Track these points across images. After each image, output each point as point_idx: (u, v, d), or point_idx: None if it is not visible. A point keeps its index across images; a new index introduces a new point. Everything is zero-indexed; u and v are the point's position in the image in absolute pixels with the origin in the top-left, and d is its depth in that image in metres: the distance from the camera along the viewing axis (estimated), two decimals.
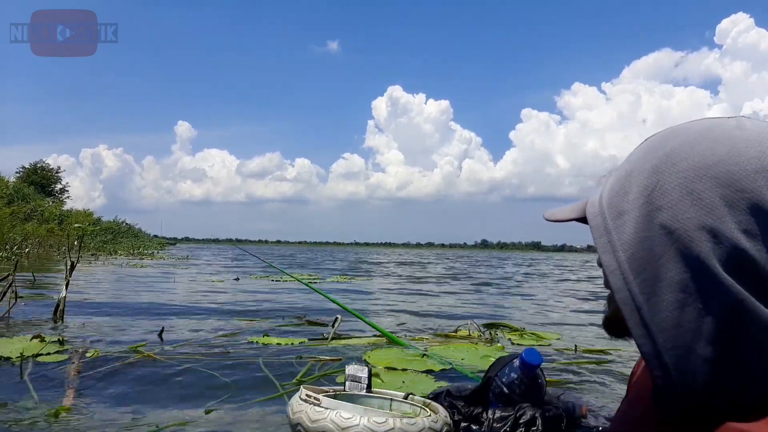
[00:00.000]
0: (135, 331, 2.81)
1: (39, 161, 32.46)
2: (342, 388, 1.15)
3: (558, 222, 0.68)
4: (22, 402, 1.55)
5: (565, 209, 0.69)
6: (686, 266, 0.51)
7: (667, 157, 0.56)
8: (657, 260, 0.53)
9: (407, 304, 4.86)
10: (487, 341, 2.79)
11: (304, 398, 0.99)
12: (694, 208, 0.52)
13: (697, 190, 0.52)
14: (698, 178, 0.53)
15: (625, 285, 0.55)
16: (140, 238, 33.77)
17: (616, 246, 0.57)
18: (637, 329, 0.54)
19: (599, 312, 4.04)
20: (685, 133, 0.57)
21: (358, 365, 1.16)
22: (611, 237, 0.57)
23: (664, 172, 0.55)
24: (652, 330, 0.53)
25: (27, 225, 18.17)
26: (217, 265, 11.67)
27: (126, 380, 1.83)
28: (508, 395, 1.15)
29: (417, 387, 1.80)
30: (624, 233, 0.56)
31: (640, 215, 0.55)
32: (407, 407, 1.13)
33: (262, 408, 1.58)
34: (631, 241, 0.56)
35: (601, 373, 2.16)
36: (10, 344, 2.23)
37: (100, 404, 1.57)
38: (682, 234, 0.52)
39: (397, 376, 1.96)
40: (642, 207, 0.56)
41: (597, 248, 0.59)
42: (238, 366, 2.06)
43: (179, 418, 1.46)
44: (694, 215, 0.52)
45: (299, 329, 3.02)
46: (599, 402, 1.64)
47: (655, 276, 0.53)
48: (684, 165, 0.54)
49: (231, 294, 5.29)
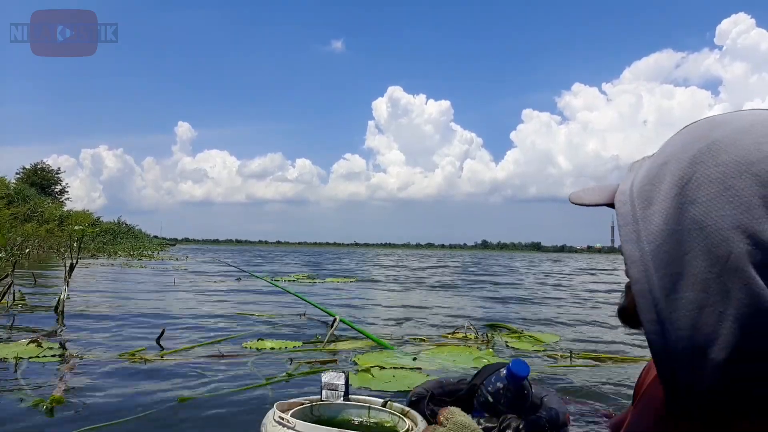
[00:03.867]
0: (133, 333, 2.80)
1: (39, 162, 32.52)
2: (319, 398, 1.13)
3: (584, 206, 0.65)
4: (14, 395, 1.56)
5: (593, 192, 0.66)
6: (713, 265, 0.48)
7: (707, 148, 0.52)
8: (683, 256, 0.50)
9: (408, 303, 4.85)
10: (483, 343, 2.78)
11: (277, 420, 0.95)
12: (731, 206, 0.48)
13: (735, 186, 0.49)
14: (738, 174, 0.49)
15: (645, 277, 0.53)
16: (140, 239, 33.78)
17: (641, 236, 0.54)
18: (651, 325, 0.52)
19: (600, 312, 4.03)
20: (729, 125, 0.54)
21: (334, 373, 1.14)
22: (638, 226, 0.55)
23: (702, 163, 0.52)
24: (666, 328, 0.51)
25: (27, 225, 18.18)
26: (218, 266, 11.65)
27: (118, 378, 1.83)
28: (493, 404, 1.13)
29: (406, 382, 1.84)
30: (652, 224, 0.53)
31: (671, 207, 0.52)
32: (386, 415, 1.11)
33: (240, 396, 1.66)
34: (658, 233, 0.53)
35: (596, 378, 2.14)
36: (6, 348, 2.22)
37: (91, 397, 1.59)
38: (714, 231, 0.49)
39: (388, 372, 1.99)
40: (674, 198, 0.52)
41: (621, 237, 0.56)
42: (228, 366, 2.07)
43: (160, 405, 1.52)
44: (729, 213, 0.48)
45: (294, 335, 3.00)
46: (590, 407, 1.63)
47: (679, 272, 0.50)
48: (725, 158, 0.50)
49: (231, 295, 5.27)
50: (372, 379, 1.88)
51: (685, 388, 0.51)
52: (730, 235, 0.48)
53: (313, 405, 1.10)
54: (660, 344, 0.51)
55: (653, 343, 0.52)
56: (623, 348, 2.82)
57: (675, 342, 0.50)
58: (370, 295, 5.91)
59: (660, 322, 0.51)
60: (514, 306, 5.07)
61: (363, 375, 1.94)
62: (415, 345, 2.70)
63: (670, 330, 0.50)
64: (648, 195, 0.55)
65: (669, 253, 0.51)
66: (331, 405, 1.12)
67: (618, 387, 1.98)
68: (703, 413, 0.51)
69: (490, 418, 1.09)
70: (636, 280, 0.53)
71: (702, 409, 0.51)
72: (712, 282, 0.48)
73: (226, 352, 2.34)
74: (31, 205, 21.93)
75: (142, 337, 2.65)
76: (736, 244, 0.47)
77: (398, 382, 1.84)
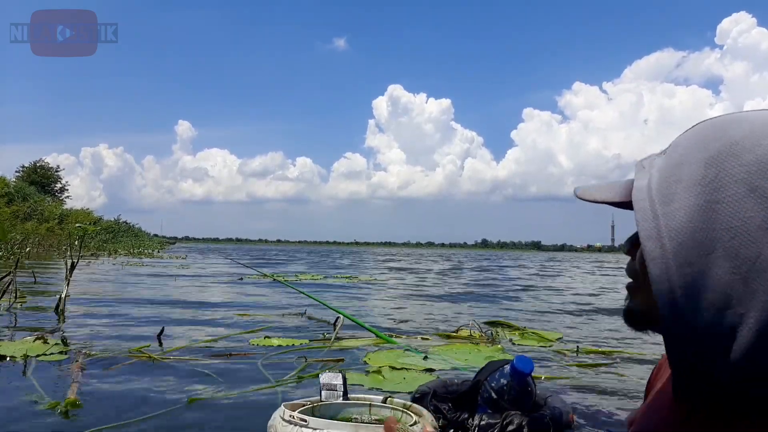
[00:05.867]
0: (135, 331, 2.81)
1: (39, 160, 32.47)
2: (318, 398, 1.12)
3: (594, 202, 0.63)
4: (28, 397, 1.56)
5: (602, 188, 0.64)
6: (740, 266, 0.47)
7: (728, 148, 0.51)
8: (707, 255, 0.49)
9: (409, 304, 4.86)
10: (489, 341, 2.78)
11: (288, 419, 0.93)
12: (758, 206, 0.47)
13: (762, 187, 0.48)
14: (764, 175, 0.48)
15: (666, 276, 0.51)
16: (140, 238, 33.73)
17: (662, 233, 0.52)
18: (671, 325, 0.51)
19: (600, 314, 4.02)
20: (749, 124, 0.52)
21: (331, 373, 1.14)
22: (659, 222, 0.53)
23: (724, 163, 0.50)
24: (686, 329, 0.49)
25: (27, 224, 18.17)
26: (219, 265, 11.65)
27: (126, 377, 1.84)
28: (496, 401, 1.14)
29: (417, 383, 1.80)
30: (674, 220, 0.52)
31: (695, 205, 0.51)
32: (387, 411, 1.10)
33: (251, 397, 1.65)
34: (682, 230, 0.51)
35: (602, 374, 2.15)
36: (12, 346, 2.23)
37: (104, 398, 1.59)
38: (742, 232, 0.48)
39: (399, 373, 1.97)
40: (698, 197, 0.51)
41: (640, 233, 0.54)
42: (236, 365, 2.07)
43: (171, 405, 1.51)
44: (757, 214, 0.47)
45: (300, 333, 3.01)
46: (595, 405, 1.64)
47: (702, 272, 0.49)
48: (749, 158, 0.49)
49: (233, 294, 5.28)
50: (383, 380, 1.85)
51: (699, 390, 0.51)
52: (758, 236, 0.47)
53: (314, 406, 1.09)
54: (679, 345, 0.51)
55: (671, 344, 0.51)
56: (624, 347, 2.83)
57: (695, 344, 0.49)
58: (370, 294, 5.92)
59: (680, 323, 0.50)
60: (513, 303, 5.09)
61: (374, 376, 1.92)
62: (421, 343, 2.70)
63: (690, 331, 0.49)
64: (668, 192, 0.54)
65: (692, 252, 0.50)
66: (332, 405, 1.11)
67: (625, 383, 1.99)
68: (712, 411, 0.51)
69: (493, 414, 1.10)
70: (656, 278, 0.51)
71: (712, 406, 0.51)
72: (737, 283, 0.47)
73: (232, 350, 2.35)
74: (31, 204, 21.92)
75: (145, 335, 2.66)
76: (765, 245, 0.46)
77: (409, 384, 1.79)
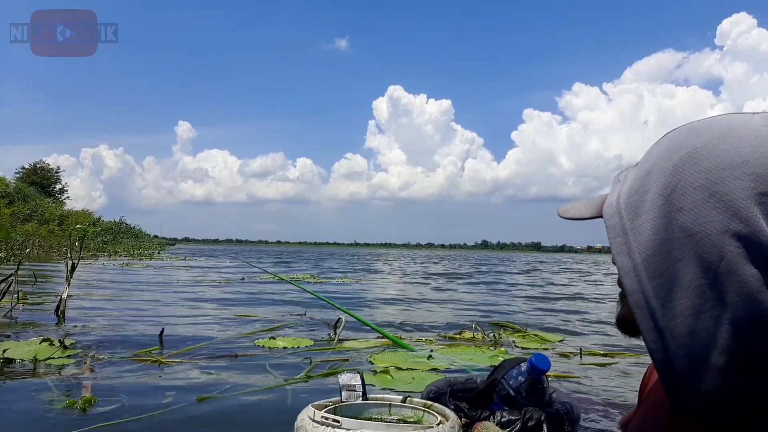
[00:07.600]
0: (137, 331, 2.82)
1: (39, 161, 32.51)
2: (339, 399, 1.13)
3: (572, 219, 0.66)
4: (45, 397, 1.58)
5: (580, 206, 0.67)
6: (706, 271, 0.49)
7: (689, 156, 0.53)
8: (674, 264, 0.51)
9: (409, 305, 4.88)
10: (492, 344, 2.80)
11: (319, 420, 0.93)
12: (717, 211, 0.49)
13: (720, 192, 0.49)
14: (722, 180, 0.50)
15: (639, 288, 0.53)
16: (140, 239, 33.78)
17: (632, 247, 0.55)
18: (650, 334, 0.53)
19: (602, 316, 4.04)
20: (708, 131, 0.54)
21: (350, 374, 1.16)
22: (628, 238, 0.55)
23: (685, 171, 0.52)
24: (665, 336, 0.51)
25: (27, 225, 18.19)
26: (219, 265, 11.67)
27: (134, 378, 1.86)
28: (513, 397, 1.18)
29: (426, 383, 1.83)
30: (641, 234, 0.54)
31: (659, 216, 0.53)
32: (408, 411, 1.12)
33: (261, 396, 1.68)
34: (649, 243, 0.53)
35: (603, 376, 2.17)
36: (19, 348, 2.25)
37: (117, 396, 1.61)
38: (704, 238, 0.49)
39: (407, 374, 2.00)
40: (661, 207, 0.53)
41: (612, 249, 0.57)
42: (243, 365, 2.10)
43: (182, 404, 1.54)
44: (717, 218, 0.49)
45: (303, 333, 3.03)
46: (600, 404, 1.66)
47: (672, 280, 0.51)
48: (707, 165, 0.51)
49: (236, 294, 5.30)
50: (393, 381, 1.88)
51: (687, 393, 0.52)
52: (719, 240, 0.49)
53: (336, 406, 1.10)
54: (660, 352, 0.52)
55: (653, 352, 0.53)
56: (626, 349, 2.84)
57: (675, 350, 0.51)
58: (370, 295, 5.93)
59: (658, 331, 0.52)
60: (514, 305, 5.11)
61: (382, 376, 1.94)
62: (424, 346, 2.72)
63: (668, 338, 0.51)
64: (635, 206, 0.56)
65: (661, 263, 0.52)
66: (352, 405, 1.12)
67: (628, 384, 2.01)
68: (704, 414, 0.53)
69: (512, 411, 1.13)
70: (631, 291, 0.54)
71: (704, 410, 0.52)
72: (706, 288, 0.49)
73: (237, 350, 2.37)
74: (32, 205, 21.94)
75: (147, 336, 2.67)
76: (726, 248, 0.48)
77: (419, 384, 1.81)
